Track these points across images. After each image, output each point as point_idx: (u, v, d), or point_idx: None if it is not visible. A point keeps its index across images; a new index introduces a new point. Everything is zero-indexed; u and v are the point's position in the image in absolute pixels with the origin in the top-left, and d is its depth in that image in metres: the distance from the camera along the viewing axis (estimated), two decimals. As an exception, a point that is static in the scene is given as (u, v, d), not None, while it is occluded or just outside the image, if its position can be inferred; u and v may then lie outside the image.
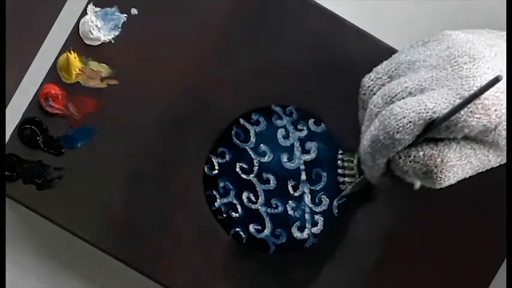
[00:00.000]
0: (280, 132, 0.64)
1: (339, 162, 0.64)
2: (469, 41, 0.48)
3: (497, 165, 0.51)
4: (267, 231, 0.64)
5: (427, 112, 0.46)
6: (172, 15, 0.65)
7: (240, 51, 0.65)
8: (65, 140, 0.65)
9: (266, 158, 0.64)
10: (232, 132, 0.64)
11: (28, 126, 0.65)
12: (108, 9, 0.65)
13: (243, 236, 0.64)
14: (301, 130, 0.64)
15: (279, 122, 0.64)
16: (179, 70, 0.65)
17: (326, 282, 0.64)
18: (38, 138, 0.65)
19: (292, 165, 0.64)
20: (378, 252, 0.64)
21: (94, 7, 0.65)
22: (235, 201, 0.64)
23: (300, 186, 0.64)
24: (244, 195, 0.64)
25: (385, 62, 0.52)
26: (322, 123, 0.64)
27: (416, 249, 0.64)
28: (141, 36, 0.65)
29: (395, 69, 0.51)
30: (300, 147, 0.64)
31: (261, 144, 0.64)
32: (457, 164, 0.48)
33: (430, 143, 0.48)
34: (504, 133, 0.48)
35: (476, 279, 0.63)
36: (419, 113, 0.47)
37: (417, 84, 0.48)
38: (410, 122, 0.47)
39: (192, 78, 0.65)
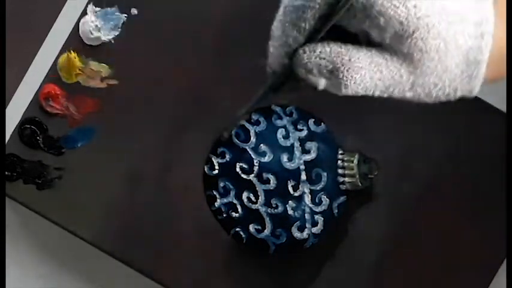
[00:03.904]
0: (280, 132, 0.64)
1: (339, 162, 0.64)
2: None
3: (410, 93, 0.49)
4: (267, 231, 0.64)
5: None
6: (172, 15, 0.65)
7: (240, 51, 0.65)
8: (65, 140, 0.65)
9: (266, 158, 0.64)
10: (233, 132, 0.64)
11: (28, 126, 0.65)
12: (108, 9, 0.65)
13: (243, 236, 0.64)
14: (301, 130, 0.64)
15: (279, 122, 0.64)
16: (179, 70, 0.65)
17: (326, 282, 0.64)
18: (38, 138, 0.65)
19: (292, 165, 0.64)
20: (377, 252, 0.64)
21: (94, 7, 0.65)
22: (235, 201, 0.64)
23: (300, 186, 0.64)
24: (244, 195, 0.64)
25: None
26: (322, 123, 0.64)
27: (416, 249, 0.64)
28: (141, 36, 0.65)
29: None
30: (300, 147, 0.64)
31: (261, 144, 0.64)
32: (366, 68, 0.47)
33: (339, 42, 0.47)
34: (421, 44, 0.46)
35: (476, 279, 0.63)
36: None
37: None
38: None
39: (192, 78, 0.65)
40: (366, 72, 0.47)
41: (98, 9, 0.65)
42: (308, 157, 0.64)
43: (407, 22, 0.46)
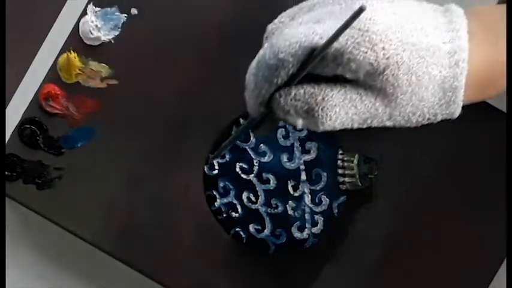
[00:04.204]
0: (280, 132, 0.64)
1: (339, 162, 0.64)
2: None
3: (389, 122, 0.51)
4: (267, 231, 0.64)
5: (315, 35, 0.46)
6: (172, 15, 0.65)
7: (240, 51, 0.65)
8: (65, 140, 0.65)
9: (266, 158, 0.64)
10: (232, 132, 0.64)
11: (28, 126, 0.65)
12: (108, 9, 0.65)
13: (243, 236, 0.64)
14: (301, 130, 0.64)
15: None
16: (179, 70, 0.65)
17: (326, 282, 0.64)
18: (38, 138, 0.65)
19: (292, 165, 0.64)
20: (377, 252, 0.64)
21: (94, 7, 0.65)
22: (235, 201, 0.64)
23: (300, 186, 0.64)
24: (244, 195, 0.64)
25: (290, 8, 0.52)
26: (322, 123, 0.64)
27: (416, 249, 0.64)
28: (141, 36, 0.65)
29: (298, 12, 0.51)
30: (300, 147, 0.64)
31: (261, 144, 0.64)
32: (340, 105, 0.48)
33: (313, 83, 0.48)
34: (392, 80, 0.48)
35: (476, 279, 0.63)
36: (306, 35, 0.47)
37: (312, 18, 0.49)
38: (296, 42, 0.47)
39: (192, 78, 0.65)
40: (340, 109, 0.48)
41: (98, 9, 0.65)
42: (308, 157, 0.64)
43: (377, 63, 0.47)
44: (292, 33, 0.47)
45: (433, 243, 0.64)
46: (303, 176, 0.64)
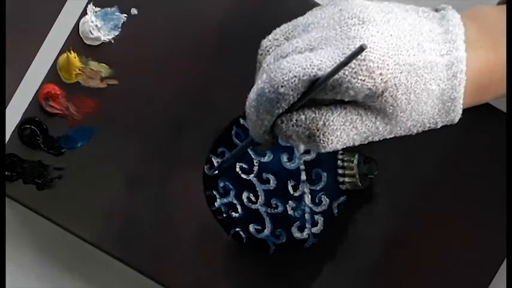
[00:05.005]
0: (280, 132, 0.64)
1: (339, 162, 0.64)
2: (362, 5, 0.49)
3: (390, 136, 0.51)
4: (267, 231, 0.64)
5: (313, 68, 0.47)
6: (172, 15, 0.65)
7: (240, 50, 0.65)
8: (65, 140, 0.65)
9: (266, 158, 0.64)
10: (232, 132, 0.64)
11: (28, 126, 0.65)
12: (108, 9, 0.65)
13: (243, 236, 0.64)
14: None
15: (279, 122, 0.64)
16: (179, 70, 0.65)
17: (326, 282, 0.64)
18: (38, 138, 0.65)
19: (292, 165, 0.64)
20: (377, 252, 0.64)
21: (94, 7, 0.65)
22: (235, 201, 0.64)
23: (300, 186, 0.64)
24: (244, 195, 0.64)
25: (284, 24, 0.52)
26: (322, 123, 0.64)
27: (415, 249, 0.64)
28: (141, 36, 0.65)
29: (292, 31, 0.51)
30: (300, 147, 0.64)
31: (261, 144, 0.64)
32: (341, 128, 0.49)
33: (314, 107, 0.49)
34: (391, 101, 0.48)
35: (476, 279, 0.63)
36: (304, 69, 0.47)
37: (307, 44, 0.49)
38: (295, 76, 0.47)
39: (192, 78, 0.65)
40: (341, 132, 0.49)
41: (98, 9, 0.65)
42: (308, 157, 0.64)
43: (375, 87, 0.47)
44: (289, 66, 0.47)
45: (433, 243, 0.64)
46: (303, 176, 0.64)
